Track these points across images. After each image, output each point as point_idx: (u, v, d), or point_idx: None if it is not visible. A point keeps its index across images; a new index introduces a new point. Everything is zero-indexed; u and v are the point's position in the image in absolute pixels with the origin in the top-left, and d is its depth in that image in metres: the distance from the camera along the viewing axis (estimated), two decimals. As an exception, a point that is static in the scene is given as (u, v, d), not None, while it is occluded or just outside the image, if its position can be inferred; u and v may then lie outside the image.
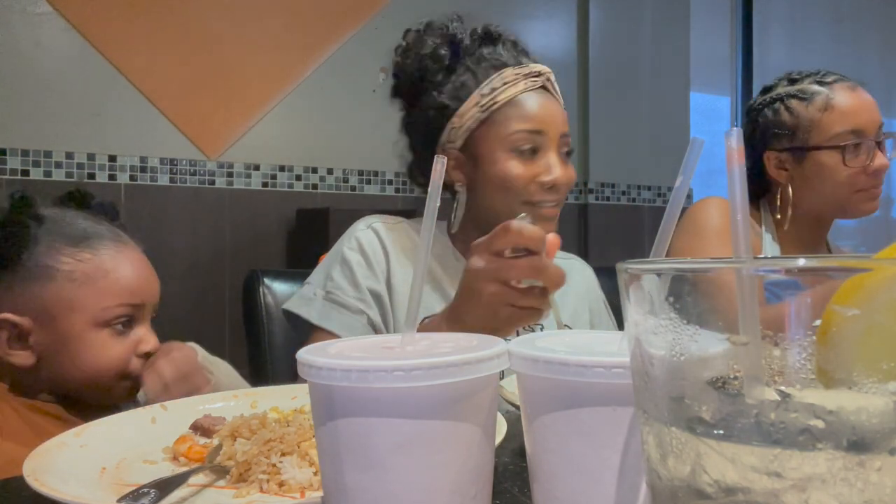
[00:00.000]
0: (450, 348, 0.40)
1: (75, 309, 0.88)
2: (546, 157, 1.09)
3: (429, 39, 1.14)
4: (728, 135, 0.33)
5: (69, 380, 0.90)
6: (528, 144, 1.08)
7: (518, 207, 1.07)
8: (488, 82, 1.10)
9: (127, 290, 0.92)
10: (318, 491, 0.53)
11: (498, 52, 1.14)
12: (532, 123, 1.09)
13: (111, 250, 0.92)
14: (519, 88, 1.10)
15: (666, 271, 0.28)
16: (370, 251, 1.12)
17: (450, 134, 1.11)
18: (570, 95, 3.08)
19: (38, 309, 0.87)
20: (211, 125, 2.35)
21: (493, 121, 1.09)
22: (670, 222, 0.38)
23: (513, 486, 0.56)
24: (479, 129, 1.10)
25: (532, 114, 1.09)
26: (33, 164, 2.08)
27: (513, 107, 1.09)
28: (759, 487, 0.24)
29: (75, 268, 0.89)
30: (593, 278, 1.35)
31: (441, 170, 0.46)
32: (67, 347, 0.88)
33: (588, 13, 3.10)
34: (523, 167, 1.08)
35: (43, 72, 2.09)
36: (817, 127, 1.36)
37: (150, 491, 0.49)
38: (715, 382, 0.27)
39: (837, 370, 0.24)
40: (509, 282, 0.81)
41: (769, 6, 3.73)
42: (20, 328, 0.87)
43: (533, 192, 1.09)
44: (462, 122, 1.10)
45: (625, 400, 0.36)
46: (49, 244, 0.89)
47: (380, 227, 1.16)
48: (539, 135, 1.09)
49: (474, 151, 1.11)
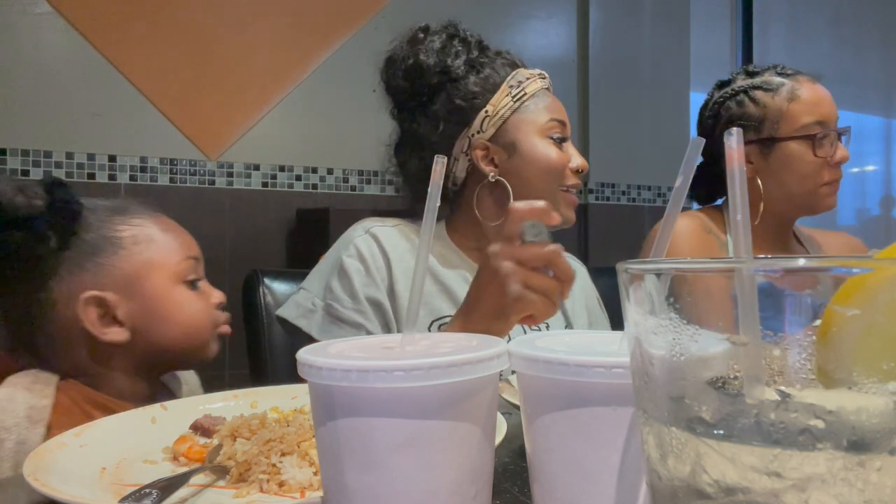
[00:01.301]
0: (450, 348, 0.40)
1: (153, 268, 0.89)
2: (568, 146, 1.17)
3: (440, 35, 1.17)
4: (728, 135, 0.33)
5: (167, 344, 0.89)
6: (559, 134, 1.16)
7: (556, 191, 1.14)
8: (514, 75, 1.16)
9: (185, 244, 0.94)
10: (318, 491, 0.53)
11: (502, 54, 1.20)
12: (560, 115, 1.17)
13: (146, 216, 0.93)
14: (538, 85, 1.18)
15: (666, 271, 0.28)
16: (370, 258, 1.12)
17: (482, 124, 1.14)
18: (570, 95, 3.08)
19: (117, 280, 0.87)
20: (211, 125, 2.35)
21: (525, 110, 1.15)
22: (670, 222, 0.38)
23: (513, 485, 0.56)
24: (511, 118, 1.14)
25: (556, 107, 1.18)
26: (33, 164, 2.08)
27: (539, 99, 1.16)
28: (759, 487, 0.24)
29: (135, 232, 0.90)
30: (587, 276, 1.36)
31: (441, 170, 0.46)
32: (158, 310, 0.88)
33: (588, 13, 3.10)
34: (559, 151, 1.14)
35: (43, 72, 2.09)
36: (785, 117, 1.36)
37: (152, 491, 0.49)
38: (715, 382, 0.27)
39: (837, 370, 0.24)
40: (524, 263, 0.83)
41: (769, 6, 3.73)
42: (106, 304, 0.85)
43: (568, 176, 1.16)
44: (496, 111, 1.14)
45: (625, 400, 0.36)
46: (98, 219, 0.89)
47: (378, 231, 1.16)
48: (564, 126, 1.17)
49: (508, 140, 1.14)
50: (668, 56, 3.29)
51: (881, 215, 4.26)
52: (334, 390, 0.37)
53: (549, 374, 0.37)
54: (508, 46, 1.24)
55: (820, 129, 1.34)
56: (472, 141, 1.15)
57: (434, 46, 1.16)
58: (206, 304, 0.94)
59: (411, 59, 1.16)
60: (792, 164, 1.35)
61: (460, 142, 1.15)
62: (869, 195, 4.27)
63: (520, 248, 0.83)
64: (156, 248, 0.90)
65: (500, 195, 1.15)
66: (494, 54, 1.19)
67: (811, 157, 1.34)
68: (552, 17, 3.04)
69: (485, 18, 2.67)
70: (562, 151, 1.15)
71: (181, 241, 0.94)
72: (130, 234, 0.89)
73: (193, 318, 0.91)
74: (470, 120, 1.14)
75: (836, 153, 1.34)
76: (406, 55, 1.17)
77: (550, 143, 1.14)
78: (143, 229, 0.91)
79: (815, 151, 1.34)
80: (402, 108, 1.20)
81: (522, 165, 1.14)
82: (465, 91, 1.14)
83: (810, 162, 1.34)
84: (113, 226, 0.89)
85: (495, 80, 1.16)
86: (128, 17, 2.18)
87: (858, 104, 4.01)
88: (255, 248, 2.36)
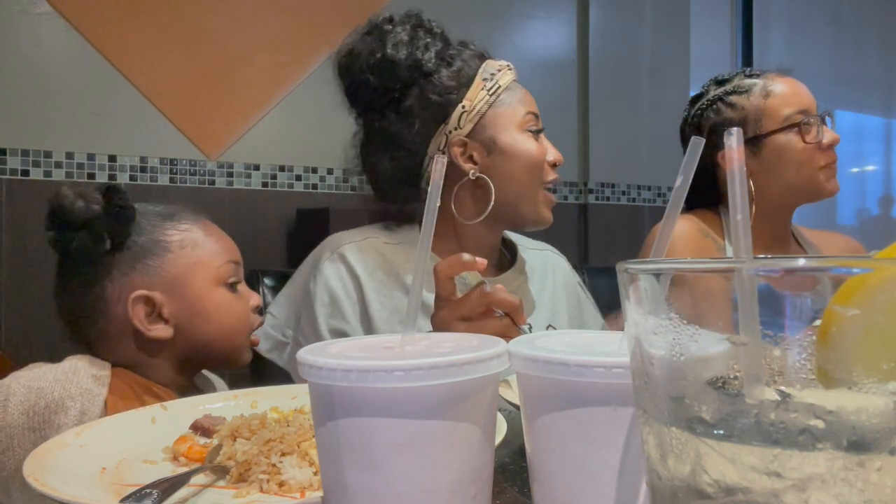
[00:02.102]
0: (450, 348, 0.40)
1: (196, 272, 0.94)
2: (542, 139, 1.13)
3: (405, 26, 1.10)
4: (728, 135, 0.33)
5: (206, 344, 0.95)
6: (535, 126, 1.12)
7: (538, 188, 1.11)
8: (484, 68, 1.11)
9: (227, 248, 0.99)
10: (318, 491, 0.53)
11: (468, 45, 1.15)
12: (533, 107, 1.13)
13: (193, 221, 0.99)
14: (510, 76, 1.13)
15: (666, 271, 0.28)
16: (338, 288, 1.08)
17: (459, 120, 1.09)
18: (570, 95, 3.08)
19: (164, 281, 0.93)
20: (211, 125, 2.35)
21: (501, 103, 1.11)
22: (670, 222, 0.38)
23: (513, 485, 0.56)
24: (488, 112, 1.10)
25: (529, 99, 1.14)
26: (33, 164, 2.08)
27: (513, 92, 1.12)
28: (759, 487, 0.24)
29: (183, 236, 0.96)
30: (566, 266, 1.34)
31: (441, 169, 0.46)
32: (199, 310, 0.94)
33: (588, 13, 3.10)
34: (537, 147, 1.11)
35: (43, 72, 2.09)
36: (766, 113, 1.38)
37: (153, 492, 0.49)
38: (715, 382, 0.27)
39: (837, 370, 0.24)
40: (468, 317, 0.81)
41: (769, 6, 3.73)
42: (154, 302, 0.92)
43: (547, 171, 1.12)
44: (473, 106, 1.09)
45: (625, 400, 0.36)
46: (150, 223, 0.95)
47: (347, 251, 1.11)
48: (538, 118, 1.13)
49: (486, 135, 1.10)
50: (668, 56, 3.29)
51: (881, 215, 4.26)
52: (334, 390, 0.37)
53: (549, 374, 0.37)
54: (508, 46, 1.24)
55: (803, 117, 1.36)
56: (449, 138, 1.09)
57: (402, 39, 1.09)
58: (244, 307, 0.98)
59: (378, 52, 1.08)
60: (785, 155, 1.36)
61: (436, 139, 1.10)
62: (869, 195, 4.27)
63: (458, 304, 0.81)
64: (200, 251, 0.96)
65: (479, 194, 1.11)
66: (460, 45, 1.14)
67: (801, 145, 1.35)
68: (552, 17, 3.04)
69: (485, 18, 2.67)
70: (539, 145, 1.11)
71: (223, 246, 0.99)
72: (178, 239, 0.95)
73: (231, 318, 0.96)
74: (446, 116, 1.08)
75: (825, 136, 1.37)
76: (372, 49, 1.09)
77: (529, 136, 1.11)
78: (189, 234, 0.96)
79: (803, 138, 1.36)
80: (368, 106, 1.14)
81: (503, 162, 1.09)
82: (439, 86, 1.08)
83: (802, 149, 1.35)
84: (163, 230, 0.95)
85: (468, 72, 1.10)
86: (128, 17, 2.18)
87: (858, 104, 4.01)
88: (255, 248, 2.36)
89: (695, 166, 0.39)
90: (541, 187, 1.11)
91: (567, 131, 3.04)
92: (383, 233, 1.17)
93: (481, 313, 0.81)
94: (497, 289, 0.81)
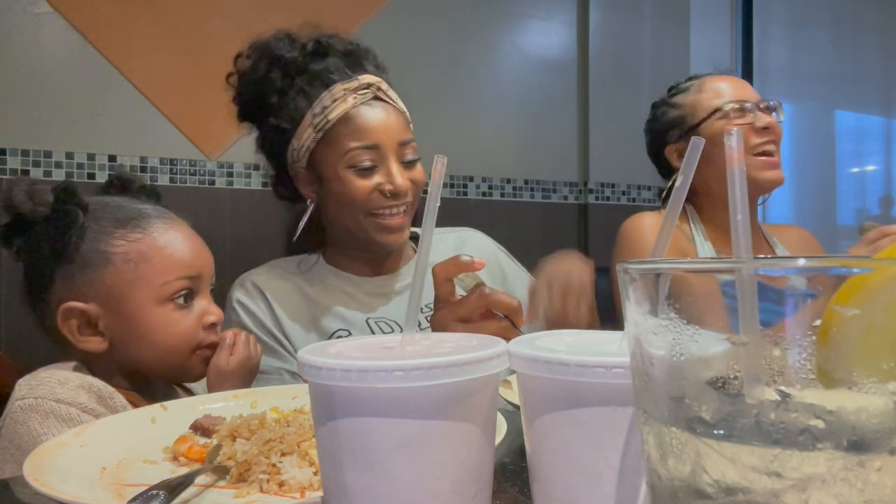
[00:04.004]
0: (450, 348, 0.40)
1: (137, 288, 0.89)
2: (385, 167, 1.10)
3: (260, 63, 1.15)
4: (728, 136, 0.33)
5: (143, 360, 0.91)
6: (365, 161, 1.09)
7: (363, 220, 1.12)
8: (319, 101, 1.10)
9: (182, 263, 0.93)
10: (318, 491, 0.53)
11: (328, 66, 1.13)
12: (365, 140, 1.09)
13: (160, 227, 0.94)
14: (349, 104, 1.09)
15: (666, 271, 0.28)
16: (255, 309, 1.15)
17: (292, 155, 1.14)
18: (570, 95, 3.08)
19: (101, 294, 0.89)
20: (211, 125, 2.35)
21: (328, 139, 1.10)
22: (671, 222, 0.38)
23: (513, 485, 0.56)
24: (318, 148, 1.11)
25: (364, 129, 1.09)
26: (33, 164, 2.08)
27: (345, 124, 1.09)
28: (759, 487, 0.24)
29: (129, 248, 0.90)
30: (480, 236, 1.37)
31: (441, 170, 0.46)
32: (135, 327, 0.90)
33: (588, 13, 3.10)
34: (362, 181, 1.10)
35: (43, 72, 2.09)
36: (699, 106, 1.47)
37: (160, 493, 0.49)
38: (715, 382, 0.27)
39: (837, 370, 0.24)
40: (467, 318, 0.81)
41: (769, 7, 3.73)
42: (88, 315, 0.89)
43: (374, 202, 1.10)
44: (301, 143, 1.12)
45: (625, 400, 0.36)
46: (99, 230, 0.90)
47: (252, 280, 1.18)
48: (374, 150, 1.09)
49: (317, 170, 1.13)
50: (668, 56, 3.29)
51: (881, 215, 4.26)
52: (334, 390, 0.37)
53: (548, 374, 0.37)
54: (509, 47, 1.24)
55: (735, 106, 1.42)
56: (293, 168, 1.16)
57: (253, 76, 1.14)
58: (190, 324, 0.93)
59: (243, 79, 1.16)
60: (718, 140, 1.36)
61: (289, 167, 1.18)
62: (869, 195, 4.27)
63: (457, 306, 0.82)
64: (145, 267, 0.90)
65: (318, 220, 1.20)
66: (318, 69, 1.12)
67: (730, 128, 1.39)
68: (552, 18, 3.04)
69: (485, 19, 2.67)
70: (368, 177, 1.10)
71: (179, 259, 0.93)
72: (122, 252, 0.90)
73: (170, 338, 0.91)
74: (285, 151, 1.15)
75: (759, 120, 1.40)
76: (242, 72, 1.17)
77: (352, 173, 1.09)
78: (137, 245, 0.91)
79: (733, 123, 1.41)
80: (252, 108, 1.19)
81: (328, 197, 1.14)
82: (274, 125, 1.14)
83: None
84: (110, 240, 0.90)
85: (303, 108, 1.11)
86: (128, 17, 2.18)
87: (858, 104, 4.01)
88: (255, 248, 2.36)
89: (694, 166, 0.39)
90: (368, 216, 1.12)
91: (567, 131, 3.05)
92: (283, 261, 1.26)
93: (480, 315, 0.81)
94: (496, 291, 0.81)
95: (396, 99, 1.16)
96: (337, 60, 1.13)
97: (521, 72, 2.50)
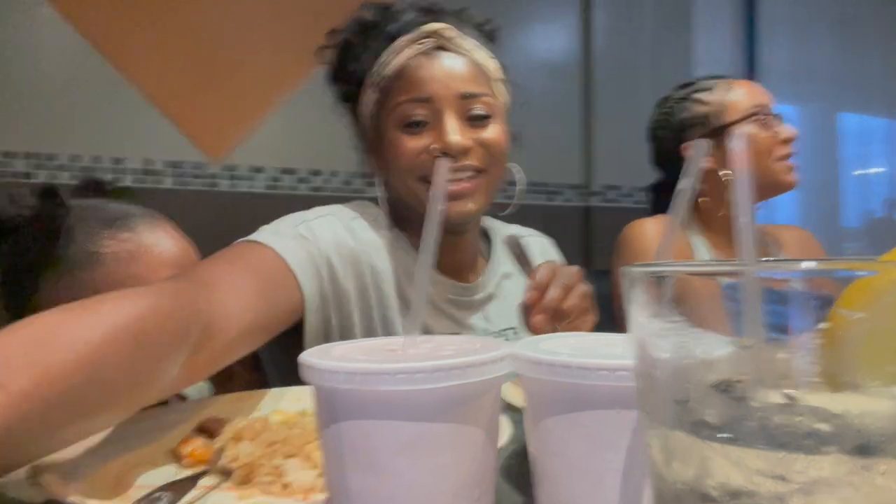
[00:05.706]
0: (453, 351, 0.40)
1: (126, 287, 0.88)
2: (440, 124, 0.93)
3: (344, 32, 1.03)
4: (732, 138, 0.33)
5: None
6: (416, 116, 0.94)
7: (413, 185, 0.96)
8: (380, 61, 0.97)
9: (172, 261, 0.90)
10: (322, 493, 0.53)
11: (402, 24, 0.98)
12: (415, 91, 0.93)
13: (147, 227, 0.91)
14: (405, 56, 0.94)
15: (670, 274, 0.28)
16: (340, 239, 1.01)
17: (362, 124, 1.02)
18: (573, 97, 3.08)
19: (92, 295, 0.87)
20: (215, 128, 2.35)
21: (385, 99, 0.96)
22: (675, 224, 0.38)
23: (516, 488, 0.56)
24: (377, 111, 0.98)
25: (416, 81, 0.94)
26: (37, 167, 2.08)
27: (399, 78, 0.95)
28: (765, 491, 0.24)
29: (119, 248, 0.87)
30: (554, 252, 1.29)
31: (444, 172, 0.46)
32: None
33: (591, 15, 3.10)
34: (411, 139, 0.94)
35: (46, 75, 2.10)
36: (729, 106, 1.50)
37: (164, 495, 0.49)
38: (720, 385, 0.27)
39: (843, 373, 0.24)
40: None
41: (773, 8, 3.72)
42: None
43: (425, 165, 0.94)
44: (364, 109, 1.00)
45: (629, 403, 0.36)
46: (86, 231, 0.87)
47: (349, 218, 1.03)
48: (426, 102, 0.93)
49: (379, 137, 0.99)
50: (671, 59, 3.29)
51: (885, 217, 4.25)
52: (337, 393, 0.37)
53: (552, 376, 0.37)
54: (512, 49, 1.23)
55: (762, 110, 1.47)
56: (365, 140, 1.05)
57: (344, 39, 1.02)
58: None
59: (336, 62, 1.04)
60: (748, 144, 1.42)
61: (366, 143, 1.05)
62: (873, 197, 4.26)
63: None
64: (135, 266, 0.88)
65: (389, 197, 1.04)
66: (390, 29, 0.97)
67: (762, 136, 1.45)
68: (555, 20, 3.04)
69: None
70: (419, 136, 0.94)
71: (171, 258, 0.91)
72: (112, 252, 0.87)
73: None
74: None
75: (783, 130, 1.47)
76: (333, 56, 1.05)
77: (402, 132, 0.95)
78: (126, 245, 0.88)
79: (763, 130, 1.46)
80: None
81: (387, 166, 1.00)
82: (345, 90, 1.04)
83: (763, 139, 1.45)
84: (98, 240, 0.87)
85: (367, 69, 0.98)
86: (131, 20, 2.19)
87: (863, 106, 4.00)
88: (259, 250, 2.36)
89: (699, 168, 0.39)
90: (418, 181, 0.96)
91: (570, 133, 3.05)
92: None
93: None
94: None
95: (472, 48, 0.97)
96: (415, 16, 0.98)
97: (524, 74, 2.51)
